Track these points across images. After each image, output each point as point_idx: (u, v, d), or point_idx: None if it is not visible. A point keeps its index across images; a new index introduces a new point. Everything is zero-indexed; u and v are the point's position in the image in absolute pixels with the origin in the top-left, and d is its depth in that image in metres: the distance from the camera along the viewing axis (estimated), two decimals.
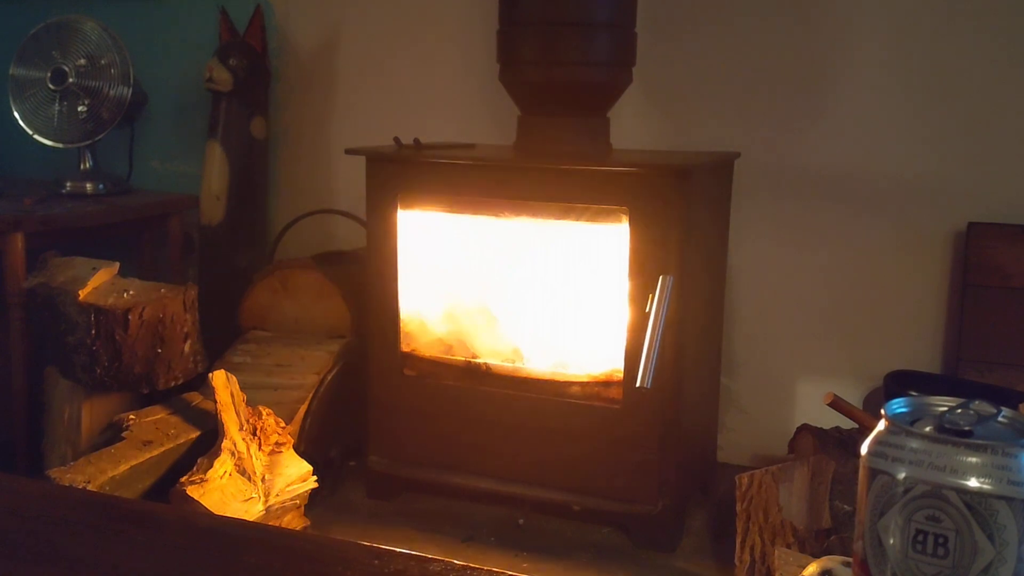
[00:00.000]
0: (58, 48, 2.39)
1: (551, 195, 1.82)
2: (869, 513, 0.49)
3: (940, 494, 0.46)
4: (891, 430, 0.49)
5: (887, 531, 0.48)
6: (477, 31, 2.27)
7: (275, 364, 2.07)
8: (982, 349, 1.94)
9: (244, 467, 1.67)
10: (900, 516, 0.47)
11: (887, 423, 0.50)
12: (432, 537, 1.86)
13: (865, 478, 0.50)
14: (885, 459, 0.48)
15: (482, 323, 2.00)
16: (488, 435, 1.92)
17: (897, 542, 0.48)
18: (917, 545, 0.47)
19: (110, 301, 1.89)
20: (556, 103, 1.92)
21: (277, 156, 2.59)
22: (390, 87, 2.45)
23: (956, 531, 0.46)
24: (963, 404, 0.50)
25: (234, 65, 2.36)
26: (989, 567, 0.46)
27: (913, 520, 0.47)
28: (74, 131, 2.41)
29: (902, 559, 0.47)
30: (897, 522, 0.48)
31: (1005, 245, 1.93)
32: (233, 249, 2.45)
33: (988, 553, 0.45)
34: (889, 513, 0.48)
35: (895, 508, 0.48)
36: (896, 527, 0.48)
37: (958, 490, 0.46)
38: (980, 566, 0.46)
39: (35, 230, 2.10)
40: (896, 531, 0.48)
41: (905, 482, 0.47)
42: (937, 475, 0.46)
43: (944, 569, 0.46)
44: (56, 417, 1.96)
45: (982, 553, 0.46)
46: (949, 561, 0.46)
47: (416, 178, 1.91)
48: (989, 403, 0.50)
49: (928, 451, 0.47)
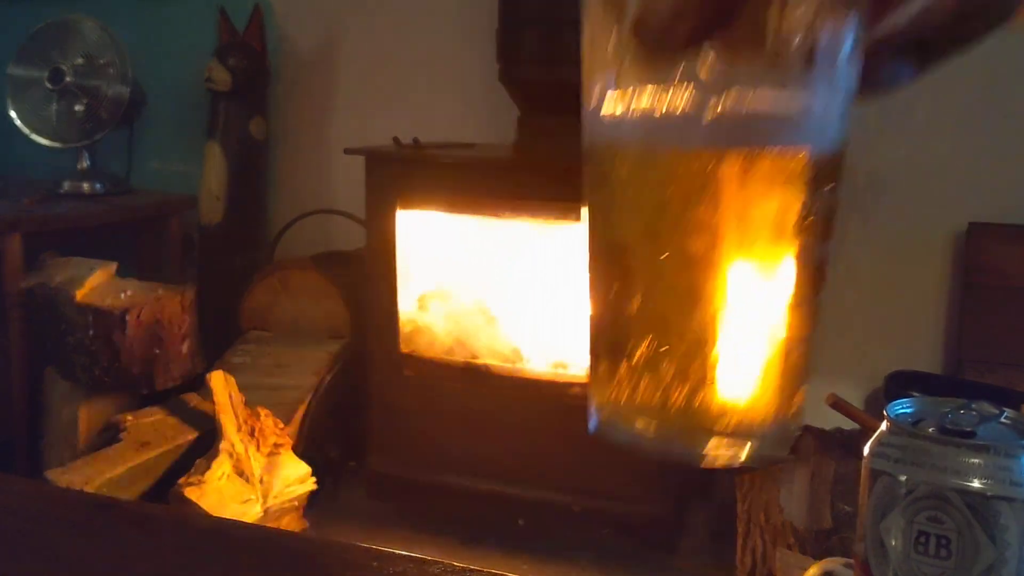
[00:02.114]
0: (57, 48, 2.39)
1: (551, 195, 1.82)
2: (871, 514, 0.49)
3: (942, 495, 0.46)
4: (893, 431, 0.49)
5: (889, 533, 0.48)
6: (477, 31, 2.27)
7: (274, 365, 2.07)
8: (983, 349, 1.93)
9: (242, 468, 1.67)
10: (902, 518, 0.47)
11: (889, 424, 0.50)
12: (432, 538, 1.86)
13: (867, 479, 0.50)
14: (887, 460, 0.48)
15: (482, 323, 1.99)
16: (488, 436, 1.92)
17: (899, 543, 0.48)
18: (919, 547, 0.47)
19: (108, 302, 1.89)
20: (556, 103, 1.92)
21: (276, 156, 2.59)
22: (390, 87, 2.45)
23: (958, 532, 0.46)
24: (965, 405, 0.50)
25: (233, 65, 2.35)
26: (991, 568, 0.45)
27: (915, 522, 0.47)
28: (72, 131, 2.41)
29: (904, 560, 0.47)
30: (899, 524, 0.47)
31: (1006, 245, 1.93)
32: (232, 249, 2.45)
33: (990, 554, 0.45)
34: (891, 515, 0.48)
35: (897, 509, 0.48)
36: (898, 528, 0.48)
37: (960, 491, 0.46)
38: (982, 567, 0.46)
39: (33, 230, 2.10)
40: (898, 533, 0.47)
41: (907, 483, 0.47)
42: (939, 476, 0.46)
43: (946, 570, 0.46)
44: (54, 418, 1.95)
45: (984, 554, 0.45)
46: (951, 563, 0.46)
47: (416, 178, 1.91)
48: (991, 404, 0.50)
49: (930, 452, 0.47)
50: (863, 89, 0.31)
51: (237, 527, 0.64)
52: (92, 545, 0.58)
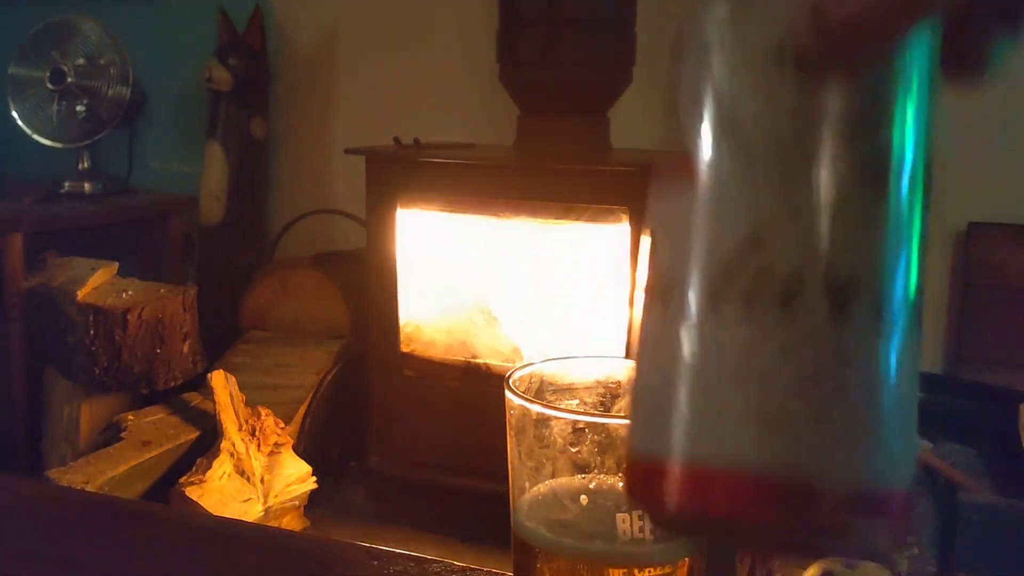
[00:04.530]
0: (57, 48, 2.39)
1: (551, 195, 1.82)
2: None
3: None
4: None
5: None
6: (477, 31, 2.27)
7: (274, 364, 2.07)
8: (982, 349, 1.93)
9: (243, 468, 1.67)
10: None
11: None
12: (432, 538, 1.86)
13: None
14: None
15: (482, 323, 2.00)
16: (488, 435, 1.91)
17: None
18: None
19: (109, 301, 1.89)
20: (556, 103, 1.92)
21: (276, 156, 2.59)
22: (390, 87, 2.45)
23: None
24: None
25: (233, 65, 2.35)
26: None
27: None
28: (73, 131, 2.41)
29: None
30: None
31: (1006, 245, 1.93)
32: (232, 249, 2.45)
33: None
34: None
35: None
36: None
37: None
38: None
39: (34, 230, 2.10)
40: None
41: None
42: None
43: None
44: (55, 417, 1.95)
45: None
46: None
47: (416, 178, 1.91)
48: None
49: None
50: (959, 75, 0.28)
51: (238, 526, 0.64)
52: (92, 545, 0.58)
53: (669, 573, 0.38)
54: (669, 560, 0.38)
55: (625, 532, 0.37)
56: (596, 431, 0.38)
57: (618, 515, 0.37)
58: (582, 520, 0.38)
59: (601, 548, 0.38)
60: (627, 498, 0.30)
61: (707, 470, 0.26)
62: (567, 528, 0.38)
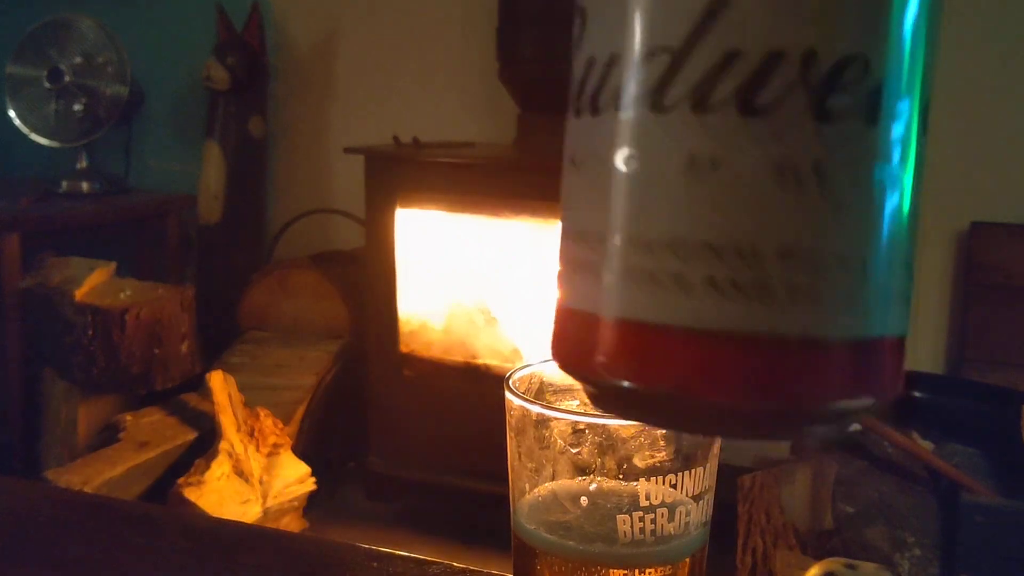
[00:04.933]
0: (55, 46, 2.38)
1: (551, 195, 1.81)
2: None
3: None
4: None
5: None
6: (476, 29, 2.26)
7: (273, 365, 2.06)
8: (985, 349, 1.93)
9: (242, 469, 1.67)
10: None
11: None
12: (432, 539, 1.85)
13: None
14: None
15: (482, 323, 1.99)
16: (488, 436, 1.91)
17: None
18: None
19: (107, 301, 1.88)
20: (556, 101, 1.91)
21: (275, 155, 2.58)
22: (389, 86, 2.44)
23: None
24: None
25: (232, 64, 2.35)
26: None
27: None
28: (70, 130, 2.40)
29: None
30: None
31: (1008, 244, 1.93)
32: (231, 249, 2.45)
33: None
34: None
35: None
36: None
37: None
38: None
39: (31, 230, 2.09)
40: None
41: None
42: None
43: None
44: (53, 418, 1.95)
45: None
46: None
47: (415, 177, 1.90)
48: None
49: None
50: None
51: (236, 527, 0.64)
52: (91, 545, 0.58)
53: (670, 574, 0.38)
54: (669, 561, 0.37)
55: (626, 534, 0.37)
56: (596, 432, 0.38)
57: (618, 517, 0.37)
58: (582, 522, 0.38)
59: (602, 550, 0.37)
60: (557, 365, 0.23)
61: (651, 331, 0.20)
62: (567, 530, 0.38)
